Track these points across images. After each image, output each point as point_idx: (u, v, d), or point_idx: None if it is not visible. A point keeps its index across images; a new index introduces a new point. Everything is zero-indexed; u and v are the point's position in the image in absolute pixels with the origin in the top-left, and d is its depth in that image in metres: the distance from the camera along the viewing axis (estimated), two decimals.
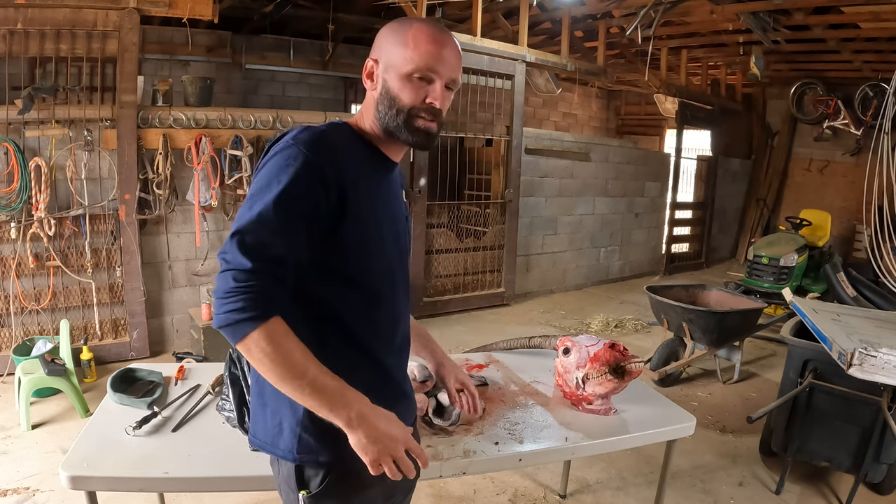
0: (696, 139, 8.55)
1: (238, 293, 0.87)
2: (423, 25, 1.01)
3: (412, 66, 0.99)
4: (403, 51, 1.00)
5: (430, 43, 0.99)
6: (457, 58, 1.03)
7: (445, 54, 1.00)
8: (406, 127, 1.02)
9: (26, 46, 3.43)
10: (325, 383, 0.91)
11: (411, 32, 1.00)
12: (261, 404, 1.10)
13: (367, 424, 0.93)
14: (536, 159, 5.83)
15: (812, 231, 5.80)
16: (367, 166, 1.05)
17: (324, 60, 6.21)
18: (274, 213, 0.90)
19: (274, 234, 0.90)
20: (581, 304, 5.92)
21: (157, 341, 4.02)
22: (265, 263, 0.88)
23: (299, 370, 0.89)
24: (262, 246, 0.89)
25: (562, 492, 2.52)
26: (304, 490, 1.05)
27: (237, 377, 1.62)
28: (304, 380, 0.89)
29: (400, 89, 1.01)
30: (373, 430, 0.93)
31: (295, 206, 0.92)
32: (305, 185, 0.92)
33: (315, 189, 0.93)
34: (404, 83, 1.00)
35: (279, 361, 0.88)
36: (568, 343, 1.86)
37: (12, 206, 3.38)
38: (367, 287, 1.05)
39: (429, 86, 1.01)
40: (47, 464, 2.56)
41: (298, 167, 0.92)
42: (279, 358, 0.88)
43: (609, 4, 5.28)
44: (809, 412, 2.48)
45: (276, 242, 0.90)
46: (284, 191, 0.91)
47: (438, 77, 1.01)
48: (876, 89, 6.60)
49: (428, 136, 1.03)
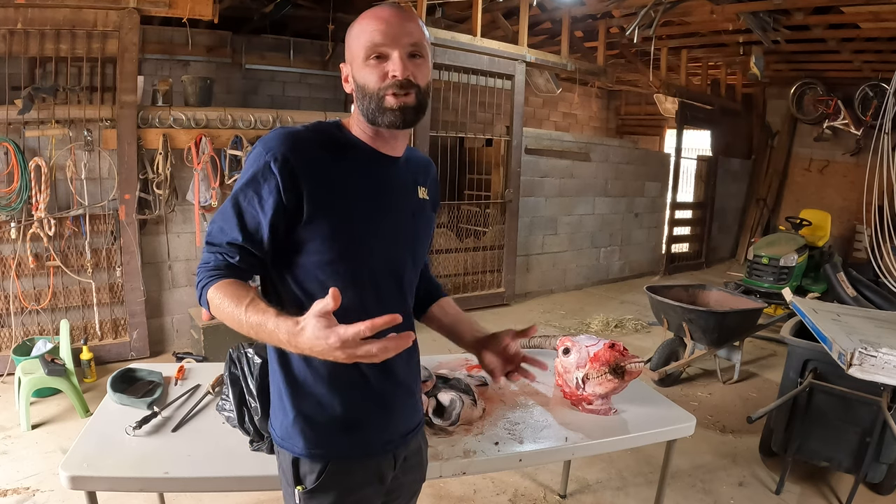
0: (696, 139, 8.55)
1: (199, 271, 1.02)
2: (368, 11, 1.02)
3: (363, 49, 1.00)
4: (356, 41, 1.02)
5: (374, 21, 1.00)
6: (409, 24, 1.01)
7: (391, 26, 0.99)
8: (379, 110, 1.02)
9: (26, 46, 3.43)
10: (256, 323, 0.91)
11: (358, 22, 1.02)
12: (274, 391, 1.13)
13: (299, 349, 0.87)
14: (536, 159, 5.82)
15: (812, 231, 5.80)
16: (345, 163, 1.04)
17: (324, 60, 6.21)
18: (231, 204, 1.01)
19: (229, 222, 1.01)
20: (581, 304, 5.92)
21: (157, 341, 4.02)
22: (220, 247, 1.01)
23: (236, 320, 0.94)
24: (220, 232, 1.02)
25: (562, 492, 2.52)
26: (300, 486, 1.06)
27: (237, 377, 1.62)
28: (244, 327, 0.93)
29: (364, 77, 1.02)
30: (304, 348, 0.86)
31: (248, 199, 1.00)
32: (257, 182, 0.99)
33: (272, 182, 0.98)
34: (364, 69, 1.01)
35: (223, 317, 0.97)
36: (568, 343, 1.86)
37: (12, 206, 3.38)
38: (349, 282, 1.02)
39: (385, 62, 1.00)
40: (47, 464, 2.56)
41: (256, 165, 0.99)
42: (221, 314, 0.97)
43: (609, 4, 5.28)
44: (809, 412, 2.48)
45: (232, 229, 1.00)
46: (244, 184, 1.01)
47: (391, 48, 1.00)
48: (876, 89, 6.60)
49: (404, 111, 1.02)
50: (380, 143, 1.09)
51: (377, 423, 1.11)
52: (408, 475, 1.22)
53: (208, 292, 0.99)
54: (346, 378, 1.07)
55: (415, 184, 1.18)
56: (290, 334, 0.85)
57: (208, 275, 1.00)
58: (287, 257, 1.04)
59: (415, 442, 1.21)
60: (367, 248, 1.06)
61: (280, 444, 1.09)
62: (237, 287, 0.97)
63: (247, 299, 0.94)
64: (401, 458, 1.17)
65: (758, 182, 8.53)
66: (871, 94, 6.72)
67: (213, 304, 0.98)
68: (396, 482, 1.18)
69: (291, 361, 1.06)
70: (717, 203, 8.06)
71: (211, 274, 1.00)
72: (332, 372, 1.05)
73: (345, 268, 1.03)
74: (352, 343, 0.80)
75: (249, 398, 1.56)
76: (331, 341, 0.81)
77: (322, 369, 1.05)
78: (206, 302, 1.00)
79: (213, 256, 1.02)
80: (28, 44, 3.43)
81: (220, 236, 1.02)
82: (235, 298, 0.95)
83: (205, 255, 1.04)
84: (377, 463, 1.12)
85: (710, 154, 8.06)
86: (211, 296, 0.98)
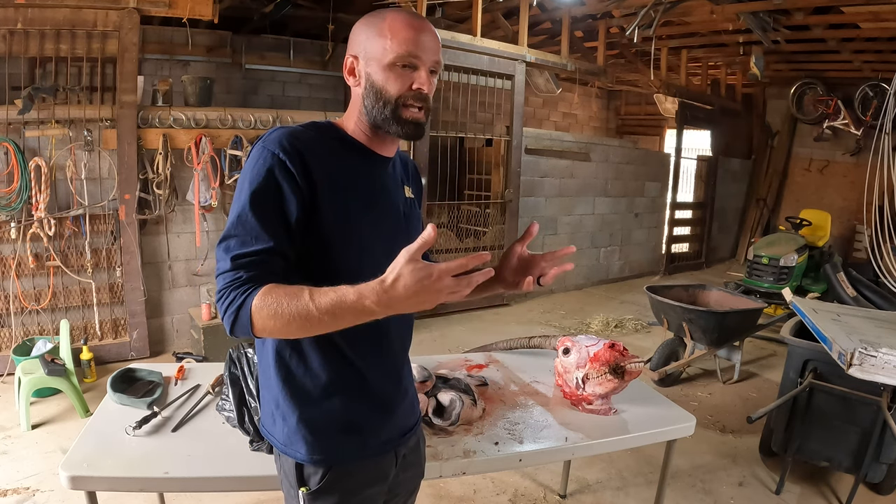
0: (696, 139, 8.55)
1: (225, 293, 0.90)
2: (397, 14, 1.01)
3: (394, 55, 0.98)
4: (382, 41, 0.99)
5: (408, 30, 0.99)
6: (436, 41, 1.02)
7: (424, 39, 1.00)
8: (394, 118, 1.01)
9: (26, 46, 3.43)
10: (332, 305, 0.84)
11: (387, 22, 1.00)
12: (269, 398, 1.10)
13: (391, 307, 0.84)
14: (536, 159, 5.82)
15: (812, 231, 5.80)
16: (345, 163, 1.03)
17: (324, 60, 6.21)
18: (248, 211, 0.93)
19: (251, 230, 0.93)
20: (581, 304, 5.92)
21: (157, 341, 4.02)
22: (249, 258, 0.91)
23: (304, 314, 0.85)
24: (243, 244, 0.92)
25: (562, 492, 2.52)
26: (304, 487, 1.06)
27: (237, 377, 1.62)
28: (314, 318, 0.84)
29: (385, 80, 1.00)
30: (398, 303, 0.82)
31: (267, 201, 0.94)
32: (274, 181, 0.94)
33: (283, 184, 0.95)
34: (388, 73, 1.00)
35: (283, 321, 0.86)
36: (568, 343, 1.86)
37: (12, 206, 3.38)
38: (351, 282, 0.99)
39: (413, 72, 1.00)
40: (47, 464, 2.56)
41: (266, 165, 0.95)
42: (280, 319, 0.86)
43: (609, 4, 5.28)
44: (809, 412, 2.48)
45: (256, 239, 0.92)
46: (255, 189, 0.94)
47: (421, 62, 1.00)
48: (876, 89, 6.60)
49: (417, 126, 1.03)
50: (376, 144, 1.09)
51: (378, 425, 1.11)
52: (407, 472, 1.22)
53: (252, 305, 0.87)
54: (347, 382, 1.06)
55: (402, 183, 1.19)
56: (379, 294, 0.80)
57: (242, 290, 0.89)
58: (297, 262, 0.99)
59: (413, 439, 1.22)
60: (370, 248, 1.05)
61: (282, 451, 1.08)
62: (285, 287, 0.88)
63: (305, 290, 0.86)
64: (401, 455, 1.18)
65: (758, 182, 8.54)
66: (871, 94, 6.72)
67: (266, 313, 0.86)
68: (396, 480, 1.19)
69: (291, 367, 1.05)
70: (717, 203, 8.07)
71: (246, 288, 0.89)
72: (332, 376, 1.05)
73: (346, 267, 1.02)
74: (455, 268, 0.79)
75: (249, 398, 1.57)
76: (435, 277, 0.78)
77: (322, 374, 1.04)
78: (250, 317, 0.87)
79: (240, 272, 0.91)
80: (28, 44, 3.43)
81: (245, 247, 0.92)
82: (292, 295, 0.86)
83: (227, 276, 0.91)
84: (380, 463, 1.13)
85: (710, 154, 8.06)
86: (258, 306, 0.86)
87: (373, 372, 1.09)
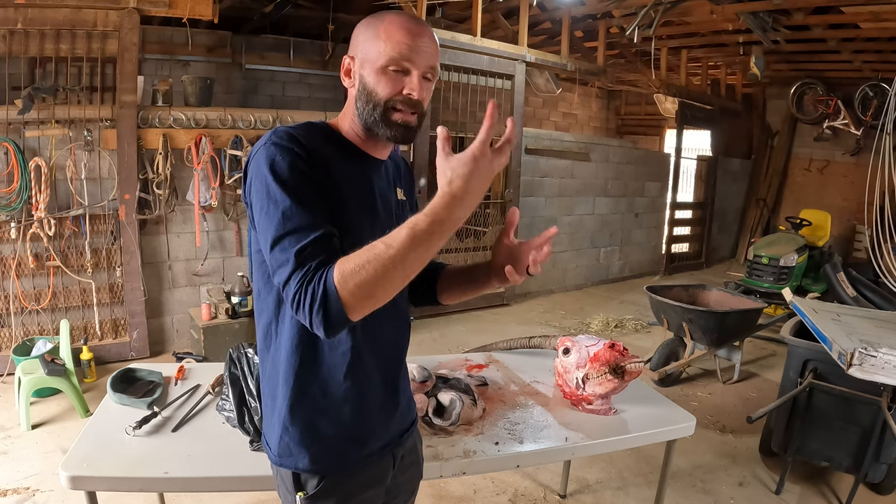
0: (696, 139, 8.55)
1: (301, 293, 0.86)
2: (395, 17, 1.00)
3: (386, 58, 0.98)
4: (377, 44, 0.98)
5: (403, 34, 0.98)
6: (432, 46, 1.01)
7: (420, 44, 0.98)
8: (383, 121, 1.00)
9: (26, 46, 3.43)
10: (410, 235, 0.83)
11: (384, 25, 0.99)
12: (269, 405, 1.10)
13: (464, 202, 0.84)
14: (536, 159, 5.82)
15: (812, 231, 5.80)
16: (340, 163, 1.02)
17: (324, 60, 6.20)
18: (294, 205, 0.90)
19: (303, 224, 0.90)
20: (581, 304, 5.92)
21: (157, 341, 4.02)
22: (309, 250, 0.88)
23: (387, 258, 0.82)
24: (298, 240, 0.88)
25: (562, 492, 2.52)
26: (301, 492, 1.05)
27: (237, 377, 1.62)
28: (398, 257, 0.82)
29: (376, 83, 0.99)
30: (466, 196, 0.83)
31: (305, 191, 0.92)
32: (301, 172, 0.93)
33: (309, 172, 0.94)
34: (380, 76, 0.99)
35: (374, 272, 0.83)
36: (568, 343, 1.86)
37: (12, 206, 3.38)
38: None
39: (405, 77, 0.99)
40: (47, 464, 2.56)
41: (287, 158, 0.93)
42: (369, 273, 0.83)
43: (609, 4, 5.27)
44: (809, 412, 2.48)
45: (310, 228, 0.89)
46: (289, 183, 0.91)
47: (414, 67, 0.99)
48: (876, 89, 6.60)
49: (406, 130, 1.01)
50: (370, 146, 1.08)
51: (379, 431, 1.11)
52: (405, 473, 1.22)
53: (335, 275, 0.83)
54: (353, 393, 1.06)
55: (395, 185, 1.18)
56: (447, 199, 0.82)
57: (318, 278, 0.85)
58: None
59: (410, 440, 1.22)
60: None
61: (279, 464, 1.06)
62: (353, 254, 0.85)
63: (375, 243, 0.83)
64: (398, 457, 1.18)
65: (758, 182, 8.53)
66: (871, 94, 6.72)
67: (351, 273, 0.82)
68: (395, 482, 1.18)
69: (295, 375, 1.03)
70: (717, 203, 8.06)
71: (320, 274, 0.85)
72: (342, 388, 1.04)
73: None
74: (486, 139, 0.82)
75: (249, 398, 1.57)
76: (479, 155, 0.81)
77: (333, 386, 1.04)
78: (338, 298, 0.83)
79: (306, 264, 0.86)
80: (28, 44, 3.43)
81: (302, 240, 0.88)
82: (367, 249, 0.83)
83: (296, 277, 0.86)
84: (378, 466, 1.12)
85: (710, 154, 8.06)
86: (340, 272, 0.83)
87: (375, 381, 1.09)
